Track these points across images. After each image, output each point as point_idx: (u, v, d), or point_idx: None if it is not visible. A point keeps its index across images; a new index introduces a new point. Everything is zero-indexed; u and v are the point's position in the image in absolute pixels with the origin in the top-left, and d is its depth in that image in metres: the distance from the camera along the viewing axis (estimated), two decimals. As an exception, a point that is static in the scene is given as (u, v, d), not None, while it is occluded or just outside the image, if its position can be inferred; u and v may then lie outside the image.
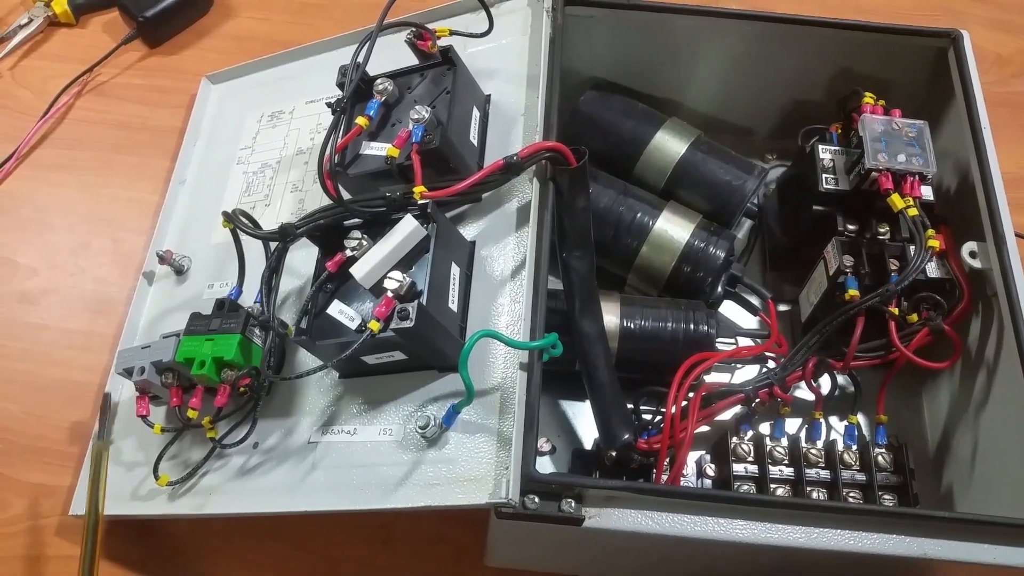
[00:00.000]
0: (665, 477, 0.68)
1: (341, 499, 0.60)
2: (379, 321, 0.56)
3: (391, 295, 0.57)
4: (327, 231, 0.64)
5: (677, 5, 0.79)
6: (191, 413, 0.64)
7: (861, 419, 0.76)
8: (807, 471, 0.70)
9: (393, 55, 0.71)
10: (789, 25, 0.80)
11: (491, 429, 0.59)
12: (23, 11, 1.01)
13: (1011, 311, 0.66)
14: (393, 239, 0.60)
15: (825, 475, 0.70)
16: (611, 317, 0.73)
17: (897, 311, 0.70)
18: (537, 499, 0.55)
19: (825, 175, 0.75)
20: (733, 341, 0.77)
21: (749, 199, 0.81)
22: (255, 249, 0.68)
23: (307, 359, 0.67)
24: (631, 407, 0.72)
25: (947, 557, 0.57)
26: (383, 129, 0.69)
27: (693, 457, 0.73)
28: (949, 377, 0.76)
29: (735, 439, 0.71)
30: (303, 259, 0.70)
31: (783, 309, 0.82)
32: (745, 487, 0.69)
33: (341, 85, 0.68)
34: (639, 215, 0.78)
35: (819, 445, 0.72)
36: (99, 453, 0.69)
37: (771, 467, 0.70)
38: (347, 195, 0.65)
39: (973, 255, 0.70)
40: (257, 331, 0.65)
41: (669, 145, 0.81)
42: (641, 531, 0.57)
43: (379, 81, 0.68)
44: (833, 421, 0.76)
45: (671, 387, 0.68)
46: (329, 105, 0.66)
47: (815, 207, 0.76)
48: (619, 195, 0.78)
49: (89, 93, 0.98)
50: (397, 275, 0.57)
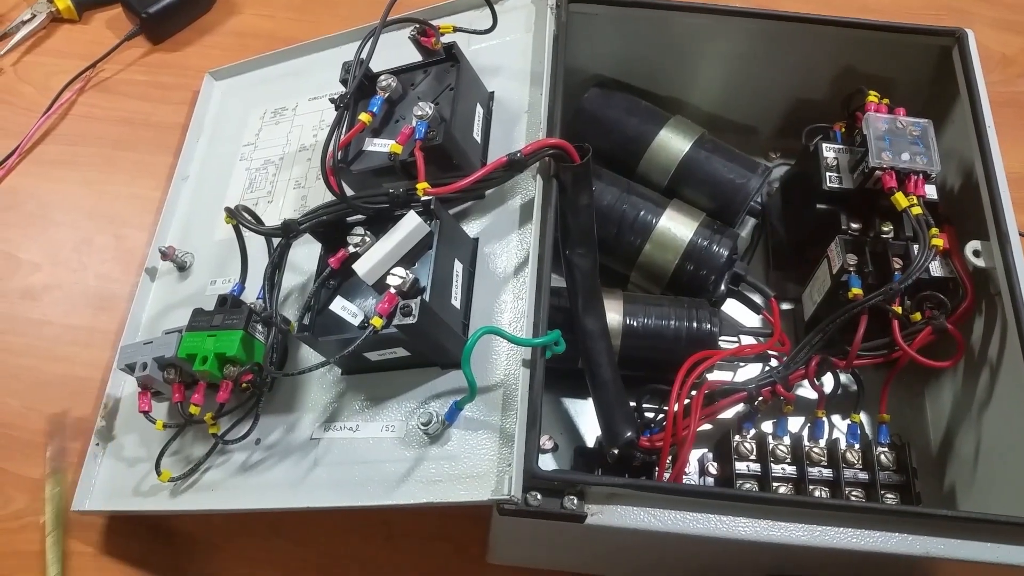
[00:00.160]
0: (667, 475, 0.68)
1: (343, 495, 0.60)
2: (382, 317, 0.56)
3: (394, 291, 0.57)
4: (330, 227, 0.64)
5: (681, 3, 0.79)
6: (193, 409, 0.64)
7: (864, 418, 0.76)
8: (810, 470, 0.70)
9: (397, 52, 0.71)
10: (793, 23, 0.80)
11: (494, 426, 0.59)
12: (26, 7, 1.01)
13: (1014, 310, 0.66)
14: (396, 235, 0.60)
15: (828, 474, 0.70)
16: (614, 315, 0.73)
17: (900, 310, 0.70)
18: (539, 496, 0.55)
19: (829, 173, 0.75)
20: (736, 339, 0.78)
21: (753, 197, 0.81)
22: (258, 245, 0.68)
23: (309, 355, 0.67)
24: (633, 405, 0.72)
25: (949, 556, 0.57)
26: (386, 125, 0.69)
27: (695, 455, 0.73)
28: (952, 376, 0.76)
29: (738, 437, 0.71)
30: (306, 255, 0.70)
31: (786, 307, 0.82)
32: (748, 485, 0.69)
33: (344, 81, 0.68)
34: (642, 213, 0.78)
35: (822, 444, 0.72)
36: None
37: (774, 465, 0.70)
38: (350, 191, 0.65)
39: (977, 254, 0.70)
40: (259, 327, 0.65)
41: (673, 143, 0.81)
42: (643, 528, 0.57)
43: (383, 77, 0.68)
44: (836, 420, 0.76)
45: (674, 385, 0.68)
46: (332, 101, 0.66)
47: (819, 205, 0.76)
48: (622, 193, 0.78)
49: (92, 89, 0.98)
50: (400, 271, 0.57)
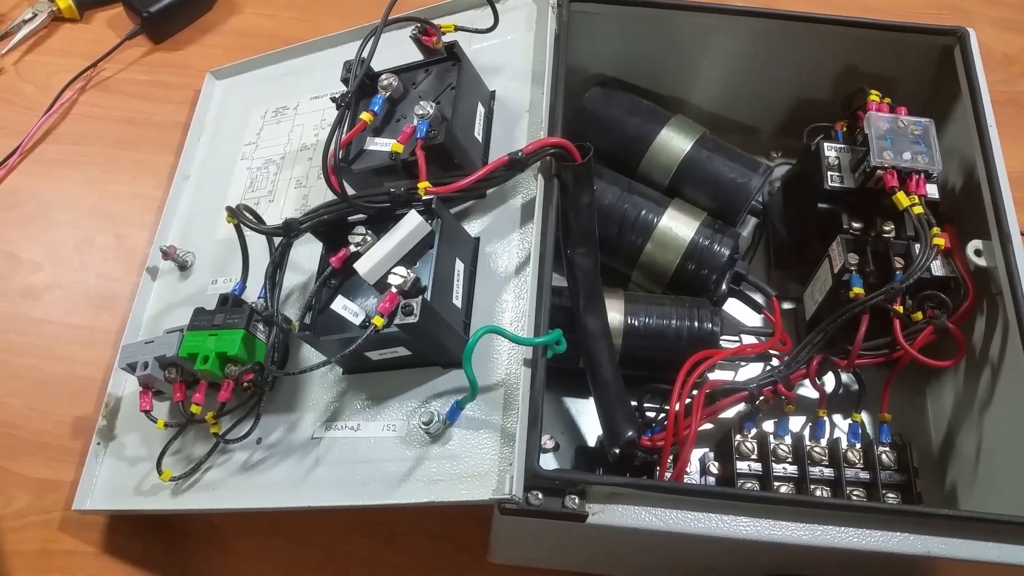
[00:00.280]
0: (669, 474, 0.68)
1: (344, 495, 0.60)
2: (383, 317, 0.56)
3: (395, 291, 0.57)
4: (331, 227, 0.64)
5: (683, 2, 0.79)
6: (194, 408, 0.64)
7: (865, 417, 0.76)
8: (811, 469, 0.70)
9: (398, 51, 0.71)
10: (795, 22, 0.80)
11: (495, 425, 0.59)
12: (27, 6, 1.01)
13: (1016, 309, 0.66)
14: (397, 235, 0.60)
15: (829, 473, 0.70)
16: (615, 314, 0.73)
17: (902, 309, 0.70)
18: (541, 495, 0.55)
19: (830, 173, 0.75)
20: (737, 339, 0.78)
21: (754, 197, 0.81)
22: (259, 245, 0.68)
23: (311, 355, 0.66)
24: (635, 404, 0.72)
25: (951, 555, 0.57)
26: (388, 125, 0.69)
27: (697, 455, 0.73)
28: (953, 375, 0.76)
29: (739, 437, 0.71)
30: (307, 255, 0.70)
31: (787, 307, 0.82)
32: (749, 485, 0.69)
33: (346, 81, 0.68)
34: (643, 212, 0.77)
35: (823, 443, 0.72)
36: None
37: (775, 465, 0.70)
38: (351, 191, 0.65)
39: (978, 253, 0.70)
40: (261, 326, 0.65)
41: (674, 142, 0.81)
42: (645, 528, 0.57)
43: (384, 77, 0.68)
44: (837, 419, 0.76)
45: (675, 384, 0.68)
46: (334, 100, 0.66)
47: (820, 205, 0.76)
48: (624, 192, 0.78)
49: (93, 88, 0.98)
50: (401, 271, 0.57)
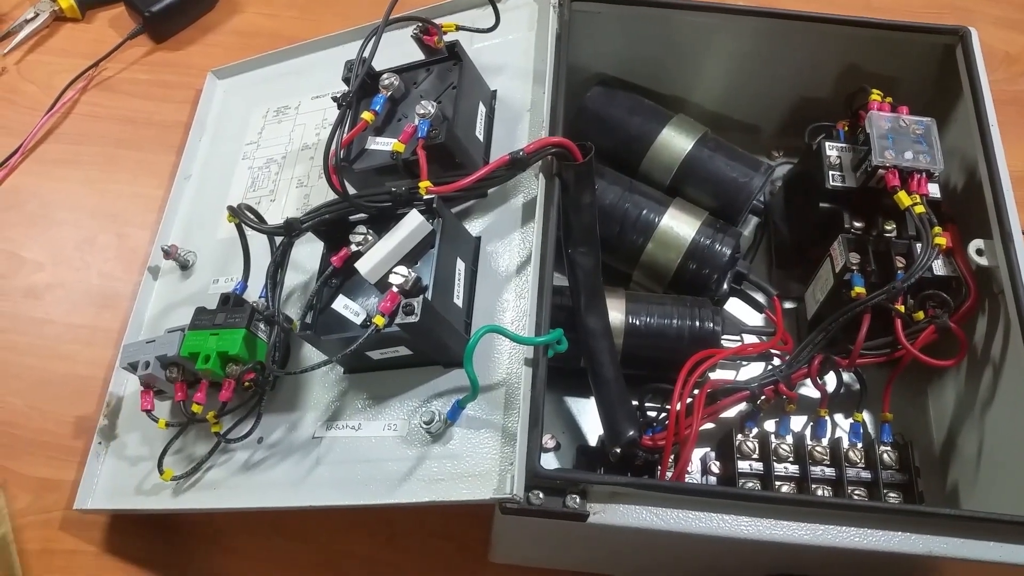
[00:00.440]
0: (670, 474, 0.68)
1: (345, 494, 0.60)
2: (384, 316, 0.56)
3: (396, 290, 0.57)
4: (332, 226, 0.64)
5: (684, 1, 0.79)
6: (196, 408, 0.64)
7: (866, 417, 0.76)
8: (812, 468, 0.70)
9: (399, 50, 0.71)
10: (796, 22, 0.79)
11: (496, 425, 0.59)
12: (29, 6, 1.01)
13: (1018, 309, 0.65)
14: (398, 234, 0.60)
15: (830, 472, 0.70)
16: (616, 313, 0.73)
17: (903, 308, 0.70)
18: (542, 495, 0.55)
19: (832, 172, 0.75)
20: (738, 338, 0.78)
21: (755, 196, 0.80)
22: (260, 244, 0.68)
23: (312, 354, 0.66)
24: (636, 404, 0.72)
25: (952, 555, 0.57)
26: (389, 124, 0.69)
27: (698, 454, 0.73)
28: (955, 375, 0.76)
29: (740, 436, 0.71)
30: (308, 254, 0.70)
31: (789, 306, 0.82)
32: (750, 484, 0.69)
33: (347, 80, 0.68)
34: (645, 212, 0.77)
35: (824, 442, 0.72)
36: None
37: (776, 464, 0.70)
38: (352, 190, 0.65)
39: (980, 252, 0.70)
40: (262, 326, 0.66)
41: (675, 142, 0.81)
42: (646, 527, 0.57)
43: (385, 76, 0.68)
44: (838, 419, 0.76)
45: (676, 384, 0.68)
46: (335, 100, 0.66)
47: (821, 204, 0.76)
48: (625, 191, 0.78)
49: (95, 88, 0.98)
50: (402, 270, 0.57)
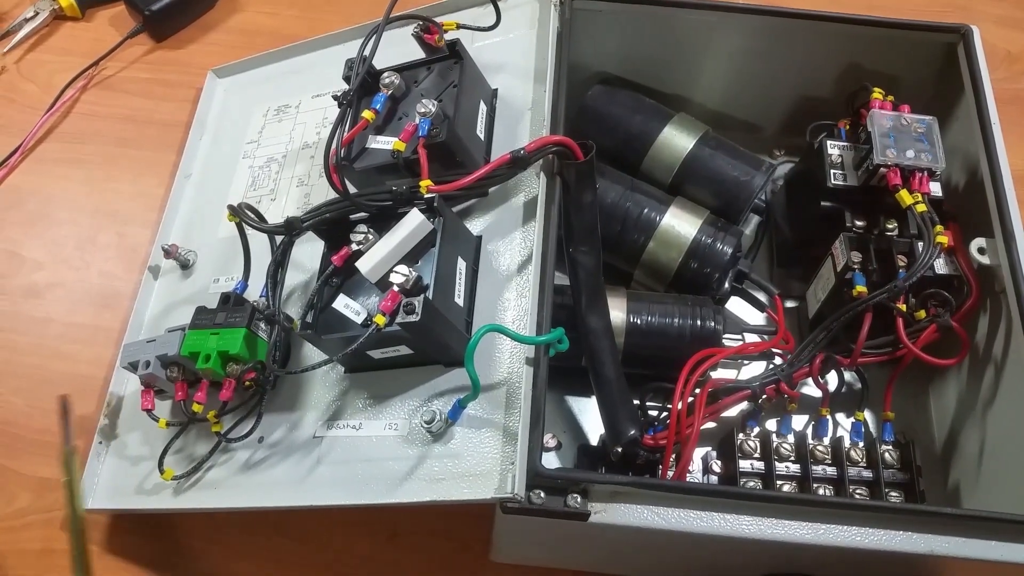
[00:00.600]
0: (671, 473, 0.68)
1: (346, 494, 0.60)
2: (385, 315, 0.56)
3: (397, 289, 0.57)
4: (333, 225, 0.64)
5: (685, 0, 0.79)
6: (196, 407, 0.64)
7: (868, 416, 0.76)
8: (814, 468, 0.69)
9: (400, 49, 0.71)
10: (798, 20, 0.79)
11: (497, 424, 0.59)
12: (29, 4, 1.01)
13: (1019, 308, 0.65)
14: (399, 233, 0.60)
15: (832, 472, 0.70)
16: (617, 313, 0.72)
17: (905, 307, 0.70)
18: (543, 494, 0.55)
19: (833, 171, 0.75)
20: (740, 337, 0.77)
21: (757, 195, 0.80)
22: (261, 243, 0.68)
23: (312, 353, 0.66)
24: (637, 403, 0.72)
25: (953, 554, 0.57)
26: (390, 123, 0.69)
27: (699, 453, 0.73)
28: (956, 374, 0.76)
29: (741, 435, 0.71)
30: (309, 253, 0.70)
31: (790, 305, 0.82)
32: (751, 483, 0.69)
33: (347, 79, 0.68)
34: (646, 210, 0.77)
35: (826, 442, 0.71)
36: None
37: (777, 463, 0.70)
38: (353, 189, 0.65)
39: (982, 251, 0.70)
40: (262, 325, 0.65)
41: (677, 140, 0.81)
42: (647, 526, 0.57)
43: (386, 75, 0.68)
44: (840, 418, 0.76)
45: (677, 383, 0.68)
46: (336, 99, 0.66)
47: (823, 203, 0.76)
48: (626, 190, 0.78)
49: (95, 87, 0.98)
50: (403, 269, 0.57)
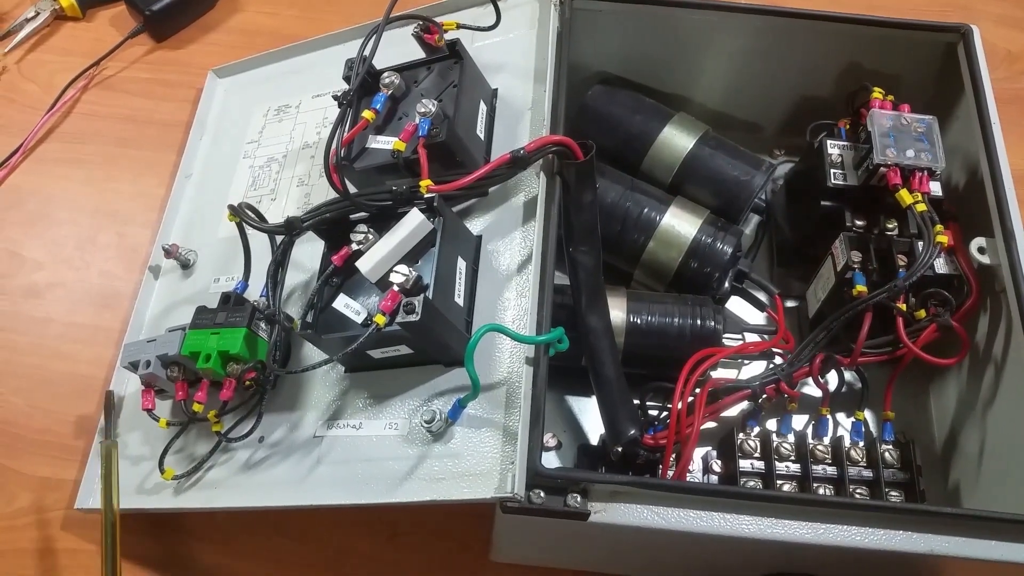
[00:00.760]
0: (671, 473, 0.68)
1: (347, 494, 0.60)
2: (385, 315, 0.56)
3: (397, 289, 0.57)
4: (333, 225, 0.64)
5: (685, 0, 0.79)
6: (197, 407, 0.64)
7: (868, 415, 0.76)
8: (814, 467, 0.69)
9: (400, 49, 0.71)
10: (798, 20, 0.79)
11: (497, 424, 0.59)
12: (30, 5, 1.01)
13: (1020, 307, 0.65)
14: (399, 233, 0.60)
15: (832, 471, 0.70)
16: (618, 312, 0.72)
17: (905, 307, 0.70)
18: (543, 494, 0.55)
19: (833, 171, 0.75)
20: (740, 337, 0.77)
21: (757, 195, 0.80)
22: (261, 243, 0.68)
23: (312, 353, 0.66)
24: (637, 403, 0.72)
25: (954, 553, 0.57)
26: (390, 123, 0.69)
27: (699, 453, 0.73)
28: (956, 373, 0.76)
29: (742, 435, 0.71)
30: (309, 253, 0.70)
31: (790, 305, 0.82)
32: (752, 483, 0.69)
33: (347, 79, 0.68)
34: (646, 210, 0.77)
35: (826, 441, 0.71)
36: (108, 452, 0.68)
37: (778, 463, 0.70)
38: (353, 189, 0.65)
39: (982, 251, 0.70)
40: (263, 325, 0.65)
41: (677, 140, 0.81)
42: (647, 526, 0.57)
43: (386, 75, 0.68)
44: (840, 417, 0.76)
45: (677, 383, 0.68)
46: (336, 98, 0.66)
47: (823, 203, 0.76)
48: (626, 190, 0.78)
49: (95, 87, 0.98)
50: (403, 269, 0.57)
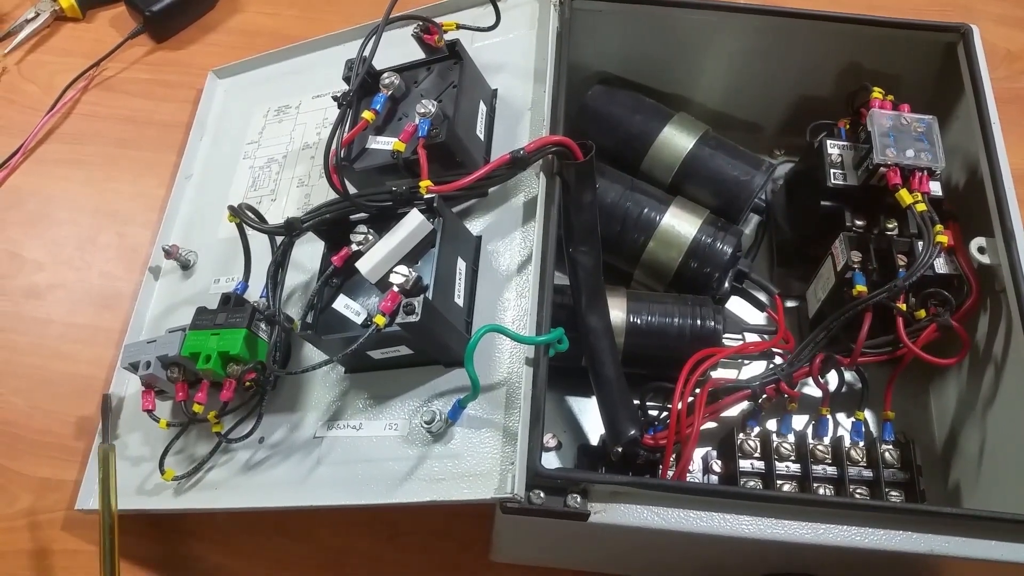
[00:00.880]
0: (671, 473, 0.68)
1: (347, 494, 0.60)
2: (385, 316, 0.56)
3: (397, 290, 0.57)
4: (333, 225, 0.64)
5: (685, 0, 0.79)
6: (197, 408, 0.64)
7: (868, 415, 0.76)
8: (814, 467, 0.69)
9: (400, 49, 0.71)
10: (798, 20, 0.79)
11: (497, 424, 0.59)
12: (30, 5, 1.01)
13: (1019, 307, 0.65)
14: (399, 234, 0.60)
15: (832, 471, 0.70)
16: (617, 312, 0.72)
17: (905, 307, 0.70)
18: (543, 494, 0.55)
19: (833, 170, 0.75)
20: (740, 337, 0.77)
21: (757, 195, 0.80)
22: (261, 244, 0.68)
23: (313, 354, 0.66)
24: (637, 403, 0.72)
25: (954, 553, 0.57)
26: (389, 123, 0.69)
27: (699, 453, 0.73)
28: (956, 373, 0.76)
29: (742, 435, 0.71)
30: (309, 254, 0.70)
31: (790, 305, 0.82)
32: (752, 483, 0.69)
33: (347, 79, 0.68)
34: (646, 210, 0.77)
35: (826, 441, 0.71)
36: (106, 455, 0.68)
37: (778, 463, 0.69)
38: (353, 189, 0.65)
39: (982, 251, 0.70)
40: (263, 326, 0.66)
41: (677, 140, 0.81)
42: (647, 526, 0.57)
43: (385, 75, 0.68)
44: (840, 417, 0.76)
45: (677, 383, 0.68)
46: (335, 99, 0.66)
47: (823, 203, 0.76)
48: (626, 190, 0.78)
49: (95, 88, 0.98)
50: (403, 270, 0.57)
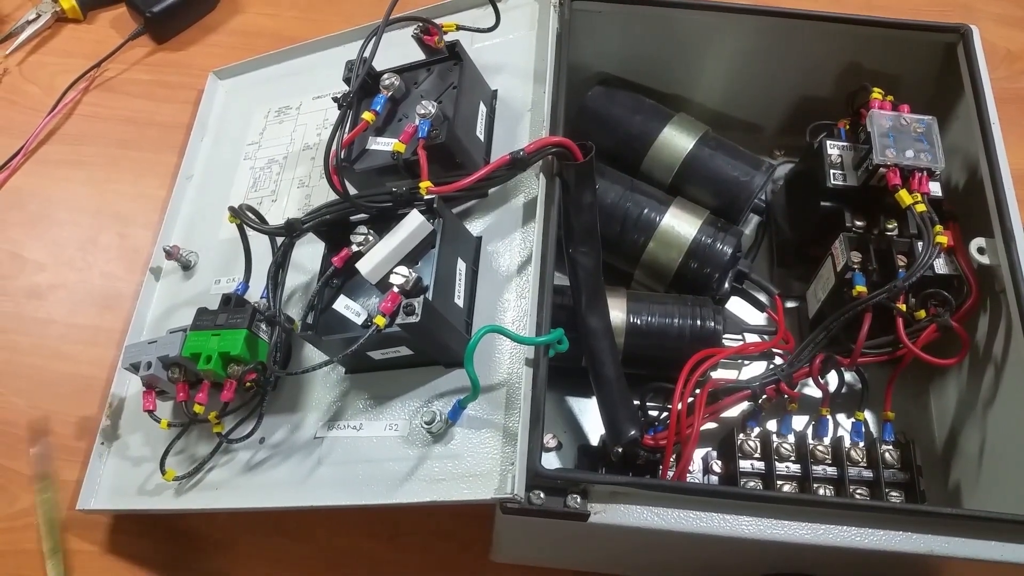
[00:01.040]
0: (671, 473, 0.68)
1: (347, 494, 0.60)
2: (385, 316, 0.56)
3: (397, 290, 0.57)
4: (333, 226, 0.64)
5: (685, 0, 0.79)
6: (197, 408, 0.64)
7: (868, 416, 0.76)
8: (814, 468, 0.69)
9: (400, 50, 0.71)
10: (798, 20, 0.79)
11: (497, 425, 0.59)
12: (31, 7, 1.01)
13: (1019, 307, 0.65)
14: (399, 234, 0.60)
15: (832, 472, 0.70)
16: (617, 313, 0.73)
17: (905, 307, 0.70)
18: (543, 495, 0.55)
19: (833, 171, 0.75)
20: (740, 337, 0.78)
21: (757, 195, 0.80)
22: (262, 245, 0.68)
23: (313, 354, 0.67)
24: (637, 403, 0.72)
25: (954, 554, 0.57)
26: (389, 124, 0.69)
27: (699, 453, 0.73)
28: (956, 374, 0.76)
29: (742, 435, 0.71)
30: (309, 255, 0.70)
31: (790, 305, 0.82)
32: (752, 484, 0.69)
33: (347, 80, 0.68)
34: (646, 211, 0.77)
35: (826, 442, 0.71)
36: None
37: (778, 464, 0.70)
38: (353, 190, 0.65)
39: (981, 251, 0.70)
40: (263, 326, 0.66)
41: (676, 141, 0.81)
42: (647, 527, 0.57)
43: (386, 76, 0.68)
44: (840, 418, 0.76)
45: (677, 383, 0.68)
46: (336, 100, 0.66)
47: (823, 203, 0.76)
48: (626, 190, 0.78)
49: (96, 89, 0.99)
50: (403, 270, 0.57)
